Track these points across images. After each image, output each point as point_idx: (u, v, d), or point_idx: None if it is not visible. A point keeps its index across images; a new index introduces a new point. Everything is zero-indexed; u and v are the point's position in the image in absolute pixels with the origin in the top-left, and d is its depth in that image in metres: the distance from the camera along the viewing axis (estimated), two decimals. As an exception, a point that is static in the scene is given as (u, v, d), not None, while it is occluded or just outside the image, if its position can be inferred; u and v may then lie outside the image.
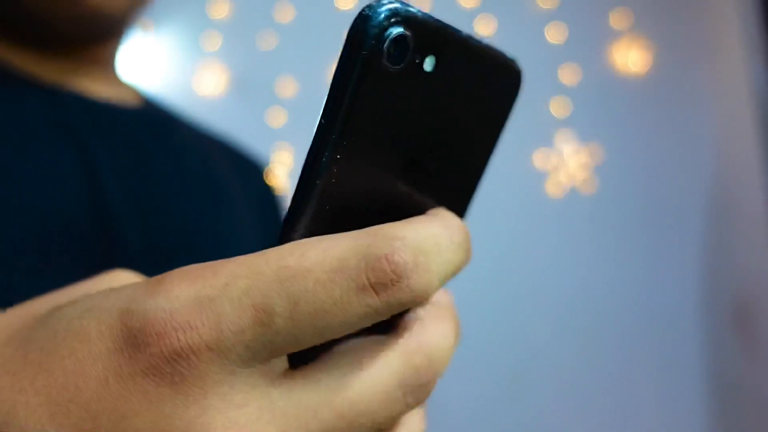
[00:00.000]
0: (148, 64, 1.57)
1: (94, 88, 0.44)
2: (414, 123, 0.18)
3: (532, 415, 1.52)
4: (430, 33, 0.17)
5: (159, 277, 0.17)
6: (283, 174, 1.53)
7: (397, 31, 0.16)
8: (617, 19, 1.66)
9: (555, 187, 1.61)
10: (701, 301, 1.61)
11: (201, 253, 0.34)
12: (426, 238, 0.17)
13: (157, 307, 0.16)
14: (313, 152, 0.17)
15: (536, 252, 1.58)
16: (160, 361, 0.15)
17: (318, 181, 0.17)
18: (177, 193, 0.44)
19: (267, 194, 0.57)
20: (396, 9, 0.16)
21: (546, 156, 1.61)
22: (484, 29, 1.63)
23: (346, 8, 1.61)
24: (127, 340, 0.16)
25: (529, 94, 1.68)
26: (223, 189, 0.50)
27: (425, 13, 0.17)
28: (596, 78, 1.64)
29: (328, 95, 0.17)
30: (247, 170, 0.56)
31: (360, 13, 0.16)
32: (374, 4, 0.16)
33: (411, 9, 0.16)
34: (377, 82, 0.16)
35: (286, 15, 1.60)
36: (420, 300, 0.16)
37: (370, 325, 0.16)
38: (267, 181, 0.58)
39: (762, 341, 1.55)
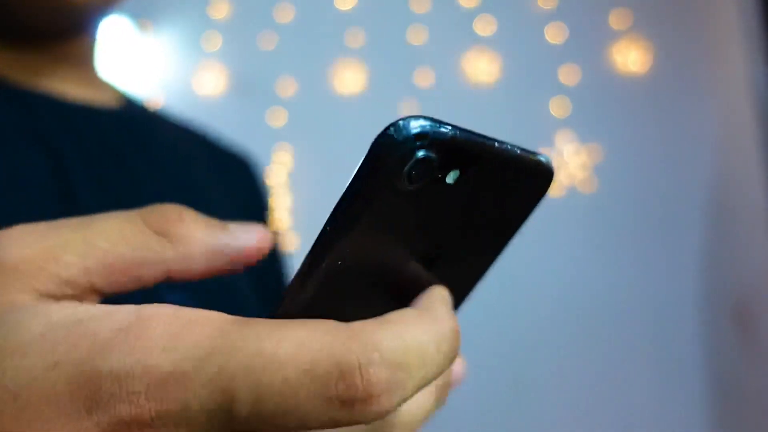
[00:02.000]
0: (148, 64, 1.56)
1: (67, 88, 0.43)
2: (426, 227, 0.18)
3: (533, 415, 1.52)
4: (457, 151, 0.16)
5: (137, 323, 0.16)
6: (283, 174, 1.53)
7: (423, 154, 0.15)
8: (617, 19, 1.66)
9: (555, 186, 1.61)
10: (701, 300, 1.61)
11: None
12: (409, 349, 0.16)
13: (132, 370, 0.15)
14: (313, 256, 0.16)
15: (536, 251, 1.58)
16: (121, 427, 0.15)
17: (313, 282, 0.17)
18: (151, 195, 0.42)
19: (254, 191, 0.56)
20: (425, 131, 0.15)
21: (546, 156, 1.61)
22: (484, 29, 1.63)
23: (345, 7, 1.61)
24: (96, 402, 0.15)
25: (529, 94, 1.69)
26: (202, 190, 0.48)
27: (455, 129, 0.16)
28: (596, 78, 1.64)
29: (340, 203, 0.16)
30: (232, 168, 0.55)
31: (385, 132, 0.15)
32: (402, 123, 0.15)
33: (441, 130, 0.15)
34: (392, 198, 0.16)
35: (286, 15, 1.60)
36: (388, 414, 0.16)
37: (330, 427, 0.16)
38: (255, 178, 0.57)
39: (762, 340, 1.55)
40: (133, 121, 0.47)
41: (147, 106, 0.52)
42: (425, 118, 0.15)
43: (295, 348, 0.15)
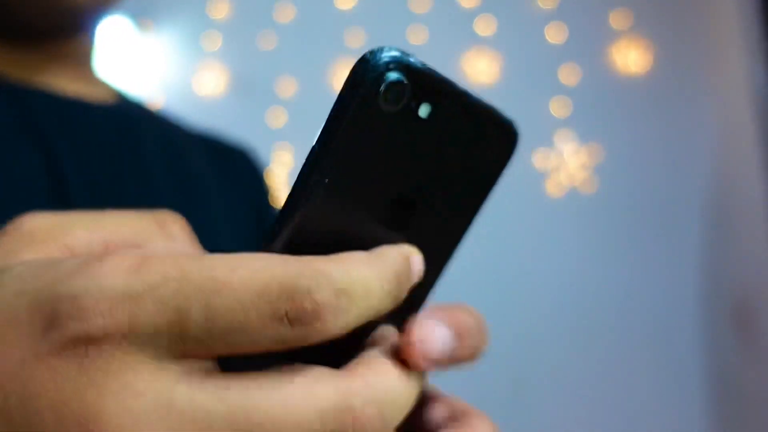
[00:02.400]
0: (148, 64, 1.56)
1: (63, 84, 0.43)
2: (404, 163, 0.19)
3: (533, 415, 1.52)
4: (427, 83, 0.18)
5: (99, 258, 0.17)
6: (283, 174, 1.53)
7: (394, 76, 0.17)
8: (617, 19, 1.66)
9: (555, 186, 1.61)
10: (701, 300, 1.61)
11: None
12: (355, 281, 0.17)
13: (86, 291, 0.16)
14: (304, 173, 0.18)
15: (537, 251, 1.58)
16: (73, 342, 0.16)
17: (305, 201, 0.18)
18: (144, 191, 0.44)
19: (253, 180, 0.56)
20: (396, 56, 0.18)
21: (546, 156, 1.61)
22: (484, 29, 1.63)
23: (345, 7, 1.61)
24: (51, 321, 0.16)
25: (529, 94, 1.69)
26: (197, 184, 0.49)
27: (425, 64, 0.18)
28: (596, 78, 1.64)
29: (325, 124, 0.18)
30: (230, 160, 0.55)
31: (362, 56, 0.18)
32: (376, 49, 0.18)
33: (411, 59, 0.18)
34: (371, 119, 0.18)
35: (286, 15, 1.60)
36: (331, 337, 0.16)
37: (281, 349, 0.17)
38: (253, 167, 0.57)
39: (762, 340, 1.55)
40: (127, 118, 0.47)
41: (142, 103, 0.53)
42: (397, 49, 0.18)
43: (249, 274, 0.16)
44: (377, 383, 0.18)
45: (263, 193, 0.57)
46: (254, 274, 0.16)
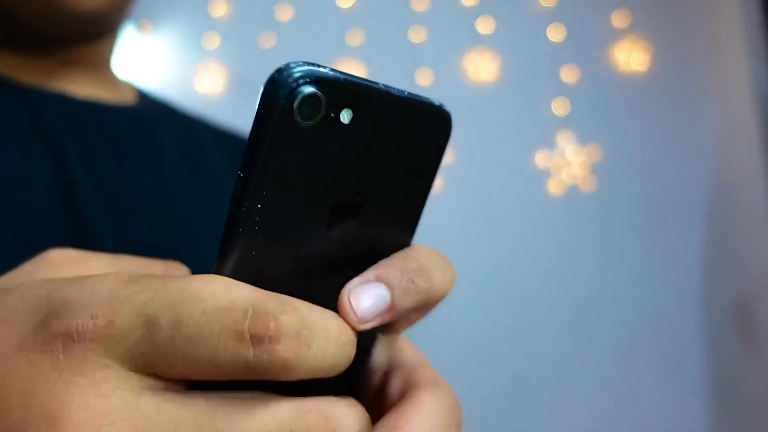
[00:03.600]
0: (148, 63, 1.56)
1: (78, 88, 0.44)
2: (338, 171, 0.19)
3: (533, 415, 1.52)
4: (342, 90, 0.18)
5: (97, 275, 0.18)
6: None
7: (307, 90, 0.17)
8: (617, 19, 1.66)
9: (556, 186, 1.61)
10: (702, 299, 1.61)
11: (178, 250, 0.34)
12: (318, 321, 0.17)
13: (76, 296, 0.17)
14: (234, 202, 0.18)
15: (536, 251, 1.58)
16: (53, 339, 0.17)
17: (240, 229, 0.18)
18: (155, 190, 0.44)
19: None
20: (305, 71, 0.17)
21: (547, 155, 1.61)
22: (484, 29, 1.63)
23: (345, 7, 1.61)
24: (42, 321, 0.17)
25: (530, 94, 1.69)
26: (215, 184, 0.49)
27: (336, 72, 0.18)
28: (596, 78, 1.64)
29: (245, 150, 0.18)
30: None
31: (271, 76, 0.18)
32: (283, 66, 0.18)
33: (320, 70, 0.18)
34: (292, 136, 0.18)
35: (285, 14, 1.60)
36: (285, 374, 0.17)
37: (239, 377, 0.17)
38: None
39: (762, 340, 1.55)
40: (142, 118, 0.47)
41: (163, 102, 0.53)
42: (306, 62, 0.18)
43: (218, 290, 0.17)
44: (334, 410, 0.18)
45: None
46: (224, 291, 0.17)
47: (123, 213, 0.41)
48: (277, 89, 0.17)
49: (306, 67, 0.17)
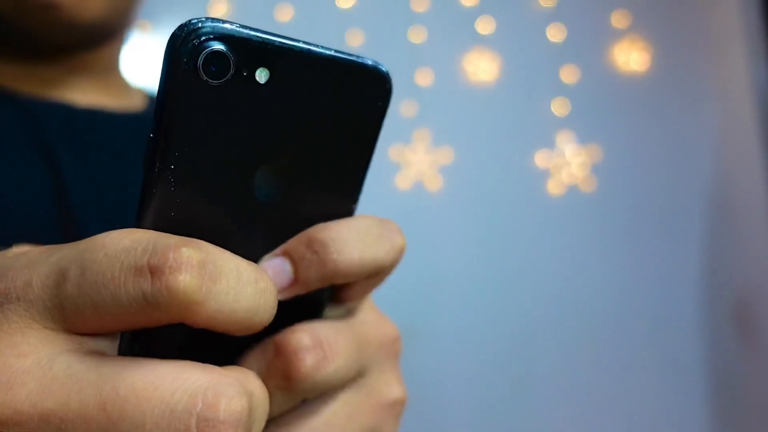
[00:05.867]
0: (147, 63, 1.56)
1: (80, 96, 0.44)
2: (256, 132, 0.18)
3: (533, 415, 1.52)
4: (252, 47, 0.17)
5: (27, 251, 0.19)
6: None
7: (211, 47, 0.16)
8: (617, 19, 1.66)
9: (556, 186, 1.61)
10: (702, 299, 1.61)
11: None
12: (229, 261, 0.17)
13: (4, 263, 0.18)
14: (146, 164, 0.18)
15: (536, 251, 1.58)
16: None
17: (154, 190, 0.18)
18: None
19: None
20: (209, 27, 0.16)
21: (547, 155, 1.61)
22: (484, 29, 1.63)
23: (345, 7, 1.61)
24: None
25: (530, 94, 1.69)
26: None
27: (245, 28, 0.17)
28: (596, 78, 1.64)
29: (154, 110, 0.17)
30: None
31: (173, 33, 0.17)
32: (186, 23, 0.17)
33: (225, 26, 0.17)
34: (199, 95, 0.17)
35: (286, 15, 1.60)
36: (191, 313, 0.16)
37: (145, 317, 0.16)
38: None
39: (762, 340, 1.55)
40: (145, 125, 0.48)
41: None
42: (211, 18, 0.17)
43: (120, 236, 0.17)
44: (248, 381, 0.17)
45: None
46: (127, 235, 0.17)
47: (119, 218, 0.41)
48: (180, 46, 0.16)
49: (210, 23, 0.17)
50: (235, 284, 0.17)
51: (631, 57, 1.65)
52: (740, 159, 1.62)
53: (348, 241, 0.20)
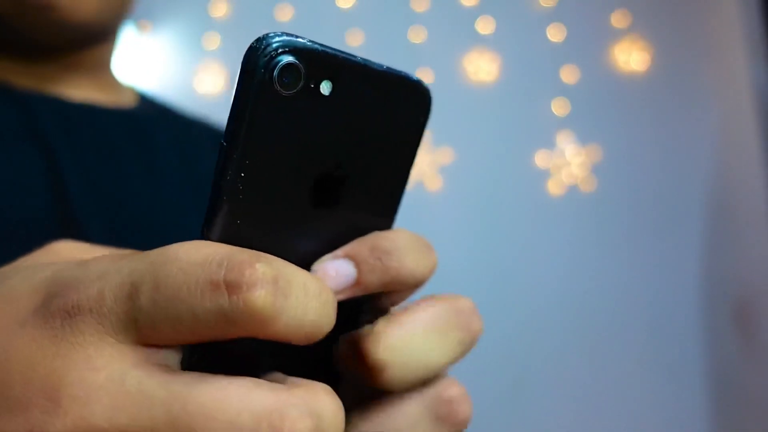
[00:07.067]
0: (148, 63, 1.56)
1: (75, 92, 0.45)
2: (319, 142, 0.19)
3: (533, 415, 1.52)
4: (320, 61, 0.18)
5: (92, 258, 0.19)
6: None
7: (286, 59, 0.18)
8: (617, 19, 1.66)
9: (556, 186, 1.61)
10: (702, 299, 1.61)
11: None
12: (297, 276, 0.17)
13: (74, 275, 0.18)
14: (218, 171, 0.18)
15: (536, 251, 1.58)
16: (53, 315, 0.17)
17: (225, 197, 0.18)
18: (149, 192, 0.45)
19: None
20: (283, 40, 0.18)
21: (547, 155, 1.61)
22: (484, 29, 1.63)
23: (345, 7, 1.61)
24: (44, 300, 0.18)
25: (530, 94, 1.69)
26: (208, 184, 0.50)
27: (315, 43, 0.18)
28: (596, 78, 1.65)
29: (228, 119, 0.18)
30: None
31: (251, 45, 0.18)
32: (263, 36, 0.18)
33: (298, 40, 0.18)
34: (272, 105, 0.18)
35: (286, 14, 1.60)
36: (266, 327, 0.17)
37: (220, 331, 0.17)
38: None
39: (762, 340, 1.55)
40: (139, 121, 0.48)
41: (163, 105, 0.54)
42: (285, 33, 0.18)
43: (193, 249, 0.17)
44: (316, 401, 0.18)
45: None
46: (199, 249, 0.17)
47: (116, 214, 0.42)
48: (257, 58, 0.18)
49: (285, 37, 0.18)
50: (303, 298, 0.17)
51: (631, 57, 1.65)
52: (740, 159, 1.62)
53: (407, 252, 0.21)
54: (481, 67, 1.62)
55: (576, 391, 1.54)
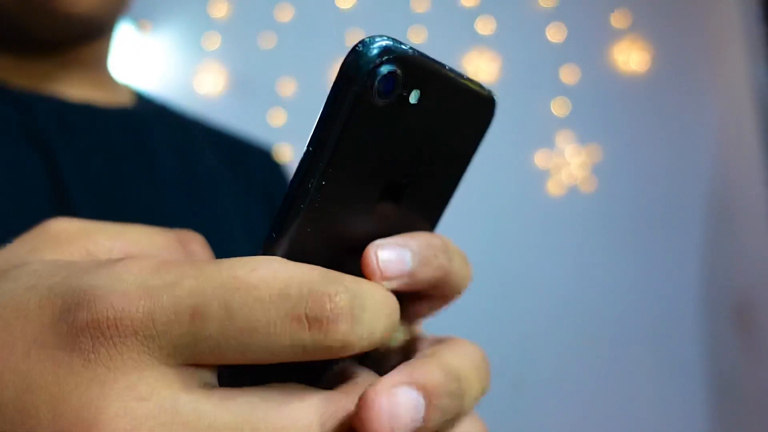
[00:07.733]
0: (148, 63, 1.56)
1: (72, 90, 0.45)
2: (395, 149, 0.19)
3: (533, 415, 1.52)
4: (417, 69, 0.17)
5: (117, 259, 0.17)
6: (283, 174, 1.53)
7: (388, 68, 0.17)
8: (617, 19, 1.66)
9: (556, 186, 1.61)
10: (702, 299, 1.61)
11: None
12: (368, 295, 0.17)
13: (99, 284, 0.16)
14: (299, 177, 0.17)
15: (536, 251, 1.58)
16: (79, 333, 0.15)
17: (302, 205, 0.17)
18: (147, 191, 0.44)
19: (272, 182, 0.57)
20: (388, 46, 0.17)
21: (547, 155, 1.61)
22: (484, 29, 1.63)
23: (345, 7, 1.61)
24: (62, 313, 0.16)
25: (530, 94, 1.69)
26: (210, 185, 0.49)
27: (415, 50, 0.17)
28: (596, 78, 1.64)
29: (318, 124, 0.17)
30: (246, 161, 0.56)
31: (353, 49, 0.17)
32: (367, 40, 0.17)
33: (402, 47, 0.17)
34: (365, 114, 0.17)
35: (286, 15, 1.60)
36: (342, 352, 0.16)
37: (291, 358, 0.16)
38: (274, 166, 0.58)
39: (762, 340, 1.55)
40: (137, 120, 0.48)
41: (160, 104, 0.53)
42: (386, 36, 0.17)
43: (269, 275, 0.16)
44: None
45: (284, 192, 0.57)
46: (275, 274, 0.16)
47: (115, 213, 0.41)
48: (359, 65, 0.16)
49: (389, 43, 0.17)
50: (375, 319, 0.17)
51: (631, 57, 1.65)
52: (740, 159, 1.62)
53: (455, 255, 0.21)
54: (481, 67, 1.62)
55: (576, 391, 1.54)
